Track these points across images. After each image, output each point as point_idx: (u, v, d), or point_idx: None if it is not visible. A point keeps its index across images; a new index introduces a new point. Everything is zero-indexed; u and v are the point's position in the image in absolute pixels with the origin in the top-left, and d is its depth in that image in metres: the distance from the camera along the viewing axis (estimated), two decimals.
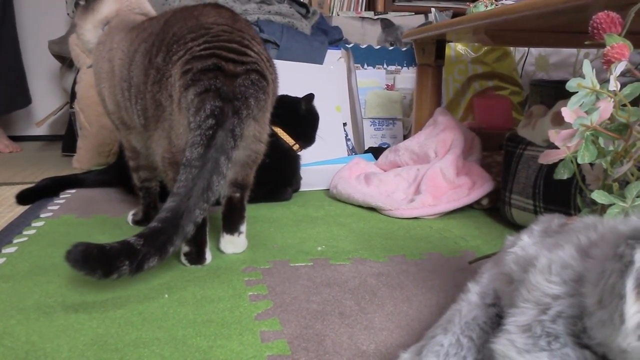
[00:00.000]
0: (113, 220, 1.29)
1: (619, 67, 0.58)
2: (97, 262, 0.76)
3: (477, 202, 1.39)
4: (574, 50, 2.27)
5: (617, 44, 0.60)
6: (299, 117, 1.52)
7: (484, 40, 1.47)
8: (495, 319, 0.61)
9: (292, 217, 1.34)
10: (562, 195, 1.07)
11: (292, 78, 1.44)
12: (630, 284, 0.39)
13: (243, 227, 1.08)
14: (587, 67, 0.58)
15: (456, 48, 2.20)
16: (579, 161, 0.59)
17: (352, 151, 2.02)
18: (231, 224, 1.07)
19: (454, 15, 2.34)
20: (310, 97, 1.53)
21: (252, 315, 0.79)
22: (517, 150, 1.24)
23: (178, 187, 0.86)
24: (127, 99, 1.08)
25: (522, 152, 1.23)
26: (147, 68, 1.00)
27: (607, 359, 0.43)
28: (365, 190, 1.46)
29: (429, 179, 1.39)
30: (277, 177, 1.48)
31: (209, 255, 1.01)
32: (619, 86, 0.58)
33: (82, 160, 2.10)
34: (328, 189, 1.61)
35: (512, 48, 2.25)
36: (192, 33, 0.97)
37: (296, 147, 1.53)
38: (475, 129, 1.66)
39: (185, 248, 0.98)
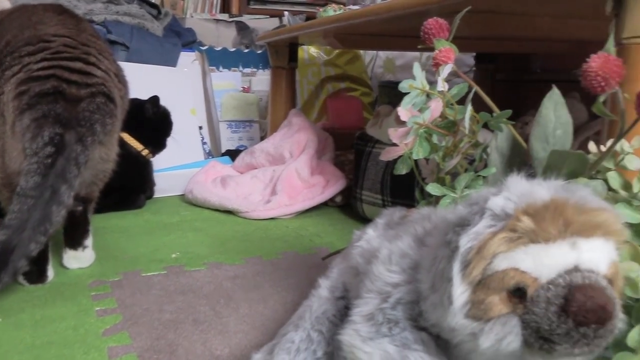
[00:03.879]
0: None
1: (446, 70, 0.63)
2: None
3: (331, 199, 1.44)
4: (417, 54, 2.42)
5: (445, 48, 0.64)
6: (147, 121, 1.46)
7: (334, 43, 1.52)
8: (344, 311, 0.63)
9: (144, 225, 1.29)
10: (406, 189, 1.14)
11: (143, 81, 1.38)
12: (456, 267, 0.42)
13: (88, 241, 1.01)
14: (417, 70, 0.62)
15: (309, 51, 2.25)
16: (414, 157, 0.63)
17: (209, 155, 1.99)
18: (74, 239, 0.99)
19: (307, 19, 2.39)
20: (155, 100, 1.48)
21: (99, 332, 0.74)
22: (366, 149, 1.30)
23: (10, 219, 0.78)
24: None
25: (371, 150, 1.29)
26: None
27: (441, 338, 0.46)
28: (222, 194, 1.44)
29: (285, 179, 1.41)
30: (126, 184, 1.41)
31: (50, 273, 0.93)
32: (446, 87, 0.63)
33: None
34: (184, 194, 1.57)
35: (361, 51, 2.35)
36: (30, 46, 0.88)
37: (145, 152, 1.47)
38: (328, 129, 1.71)
39: (24, 267, 0.90)
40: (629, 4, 0.62)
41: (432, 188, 0.62)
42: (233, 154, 1.87)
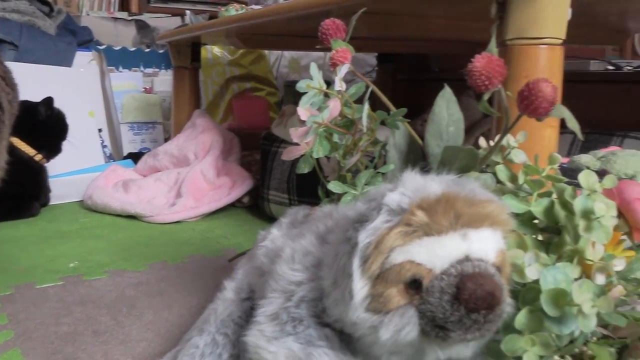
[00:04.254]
0: None
1: (343, 69, 0.64)
2: None
3: (239, 200, 1.43)
4: (322, 53, 2.45)
5: (341, 49, 0.65)
6: (39, 125, 1.39)
7: (237, 43, 1.51)
8: (250, 312, 0.62)
9: (39, 234, 1.22)
10: (312, 187, 1.14)
11: (35, 82, 1.31)
12: (356, 263, 0.42)
13: None
14: (313, 70, 0.62)
15: (213, 51, 2.22)
16: (314, 156, 0.63)
17: (110, 158, 1.92)
18: None
19: (210, 18, 2.36)
20: (49, 102, 1.40)
21: None
22: (272, 148, 1.30)
23: None
24: None
25: (277, 149, 1.29)
26: None
27: (344, 333, 0.47)
28: (124, 198, 1.40)
29: (190, 181, 1.39)
30: (18, 192, 1.33)
31: None
32: (344, 86, 0.64)
33: None
34: (83, 200, 1.50)
35: (266, 51, 2.35)
36: None
37: (39, 157, 1.39)
38: (234, 130, 1.70)
39: None
40: (512, 7, 0.65)
41: (334, 186, 0.63)
42: (135, 157, 1.81)
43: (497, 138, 0.57)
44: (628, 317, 0.48)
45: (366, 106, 0.62)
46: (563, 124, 0.57)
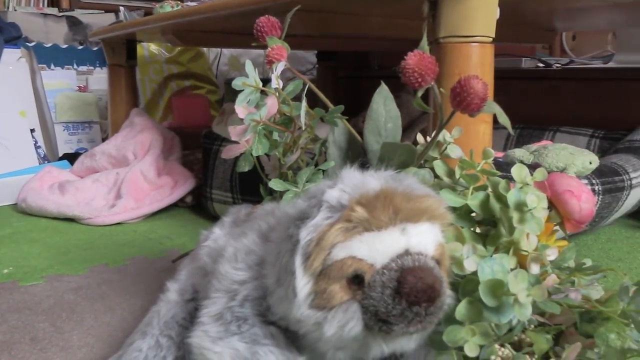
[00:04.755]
0: None
1: (279, 67, 0.64)
2: None
3: (181, 200, 1.41)
4: (261, 51, 2.44)
5: (277, 46, 0.65)
6: None
7: (173, 40, 1.48)
8: (194, 313, 0.62)
9: None
10: (255, 186, 1.14)
11: None
12: (298, 260, 0.43)
13: None
14: (249, 67, 0.62)
15: (150, 48, 2.18)
16: (254, 154, 0.63)
17: (44, 159, 1.85)
18: None
19: (146, 15, 2.31)
20: None
21: None
22: (213, 147, 1.29)
23: None
24: None
25: (218, 148, 1.28)
26: None
27: (289, 330, 0.47)
28: (61, 201, 1.35)
29: (130, 181, 1.36)
30: None
31: None
32: (281, 84, 0.64)
33: None
34: (16, 204, 1.45)
35: (205, 48, 2.32)
36: None
37: None
38: (175, 129, 1.67)
39: None
40: (443, 6, 0.67)
41: (275, 184, 0.63)
42: (72, 158, 1.75)
43: (433, 134, 0.59)
44: (562, 304, 0.50)
45: (304, 103, 0.63)
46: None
